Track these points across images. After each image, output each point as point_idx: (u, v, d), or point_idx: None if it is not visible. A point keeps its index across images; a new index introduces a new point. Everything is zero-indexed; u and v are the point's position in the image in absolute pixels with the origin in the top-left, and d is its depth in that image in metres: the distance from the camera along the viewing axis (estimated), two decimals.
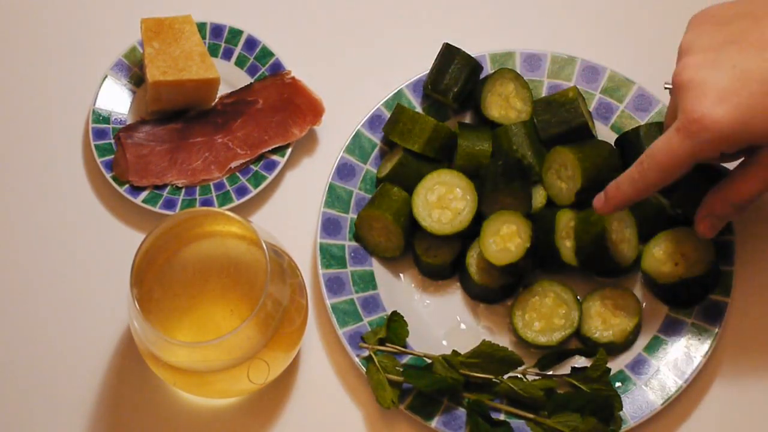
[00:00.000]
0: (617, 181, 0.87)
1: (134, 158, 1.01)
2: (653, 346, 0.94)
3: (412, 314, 0.96)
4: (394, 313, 0.94)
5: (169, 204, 1.00)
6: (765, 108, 0.78)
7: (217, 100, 1.05)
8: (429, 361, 0.92)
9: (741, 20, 0.82)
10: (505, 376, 0.91)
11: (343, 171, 1.00)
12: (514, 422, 0.91)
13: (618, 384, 0.92)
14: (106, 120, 1.03)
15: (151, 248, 0.86)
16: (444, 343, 0.96)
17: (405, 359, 0.93)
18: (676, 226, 0.94)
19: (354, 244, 0.98)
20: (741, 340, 0.95)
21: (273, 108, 1.03)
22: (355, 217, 0.99)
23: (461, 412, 0.91)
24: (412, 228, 0.97)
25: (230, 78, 1.05)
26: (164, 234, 0.87)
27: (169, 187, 1.01)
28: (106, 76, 1.04)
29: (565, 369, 0.93)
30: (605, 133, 1.01)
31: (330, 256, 0.97)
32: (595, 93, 1.02)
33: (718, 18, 0.84)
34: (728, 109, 0.79)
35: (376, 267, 0.98)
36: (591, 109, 1.02)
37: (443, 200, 0.96)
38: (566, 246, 0.94)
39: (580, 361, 0.95)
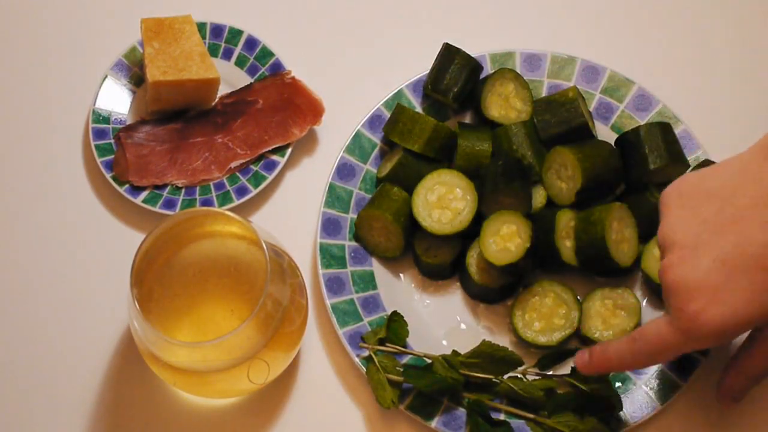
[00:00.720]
0: (605, 347, 0.86)
1: (134, 158, 1.01)
2: None
3: (412, 314, 0.96)
4: (394, 313, 0.94)
5: (169, 204, 1.00)
6: (753, 299, 0.78)
7: (217, 100, 1.05)
8: (429, 361, 0.92)
9: (710, 202, 0.81)
10: (505, 376, 0.91)
11: (343, 171, 1.00)
12: (514, 422, 0.91)
13: (618, 384, 0.92)
14: (106, 120, 1.03)
15: (151, 248, 0.86)
16: (444, 343, 0.96)
17: (405, 359, 0.93)
18: None
19: (354, 244, 0.98)
20: (741, 339, 0.95)
21: (273, 108, 1.03)
22: (355, 217, 0.99)
23: (461, 412, 0.91)
24: (412, 228, 0.97)
25: (230, 78, 1.05)
26: (164, 234, 0.87)
27: (169, 187, 1.01)
28: (106, 76, 1.04)
29: (565, 369, 0.93)
30: (605, 133, 1.01)
31: (330, 256, 0.97)
32: (595, 93, 1.02)
33: (687, 199, 0.82)
34: (720, 310, 0.78)
35: (376, 267, 0.98)
36: (591, 109, 1.02)
37: (443, 200, 0.96)
38: (566, 246, 0.94)
39: None
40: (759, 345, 0.84)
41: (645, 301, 0.97)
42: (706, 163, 0.97)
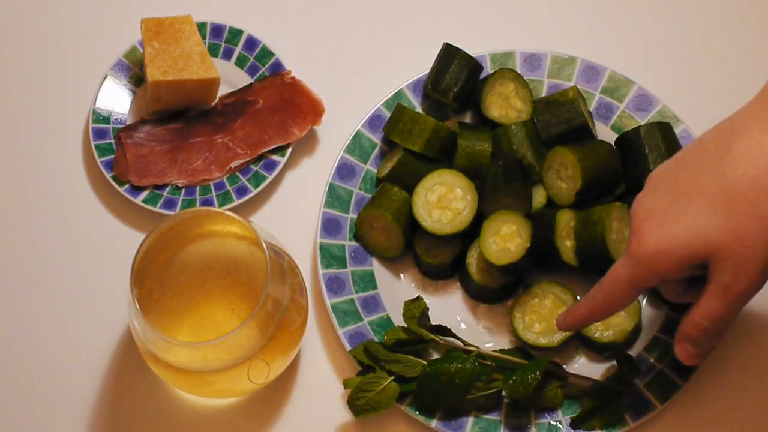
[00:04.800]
0: (578, 302, 0.87)
1: (134, 158, 1.01)
2: (653, 346, 0.94)
3: None
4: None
5: (169, 204, 1.00)
6: (690, 222, 0.78)
7: (217, 100, 1.05)
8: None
9: (690, 150, 0.82)
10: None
11: (343, 171, 1.00)
12: (515, 422, 0.91)
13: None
14: (106, 120, 1.03)
15: (151, 248, 0.86)
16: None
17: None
18: None
19: (354, 244, 0.98)
20: (741, 339, 0.95)
21: (273, 108, 1.03)
22: (355, 217, 0.99)
23: (461, 412, 0.91)
24: (412, 228, 0.97)
25: (230, 78, 1.05)
26: (164, 234, 0.87)
27: (169, 187, 1.01)
28: (106, 76, 1.04)
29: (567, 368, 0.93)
30: (605, 133, 1.01)
31: (330, 256, 0.97)
32: (595, 93, 1.02)
33: (677, 159, 0.84)
34: (657, 228, 0.79)
35: (376, 267, 0.98)
36: (591, 109, 1.02)
37: (443, 200, 0.96)
38: (566, 246, 0.94)
39: (581, 361, 0.95)
40: (703, 293, 0.80)
41: (645, 301, 0.97)
42: None
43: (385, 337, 0.93)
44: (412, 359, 0.91)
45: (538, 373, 0.89)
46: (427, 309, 0.93)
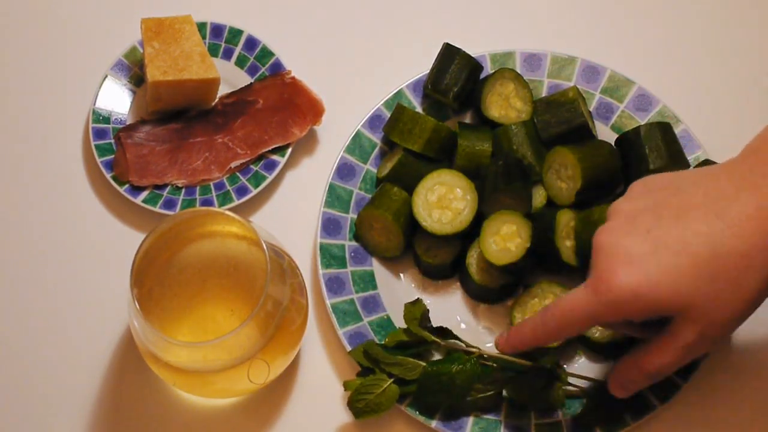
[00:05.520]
0: (522, 322, 0.87)
1: (134, 158, 1.01)
2: None
3: None
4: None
5: (169, 204, 1.00)
6: (671, 278, 0.78)
7: (217, 100, 1.05)
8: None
9: (665, 190, 0.82)
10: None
11: (343, 171, 1.00)
12: (515, 422, 0.91)
13: None
14: (106, 120, 1.03)
15: (151, 248, 0.86)
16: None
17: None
18: None
19: (354, 244, 0.98)
20: (741, 339, 0.95)
21: (273, 108, 1.03)
22: (355, 217, 0.99)
23: (461, 412, 0.91)
24: (412, 228, 0.97)
25: (230, 78, 1.05)
26: (164, 234, 0.87)
27: (169, 187, 1.01)
28: (106, 76, 1.04)
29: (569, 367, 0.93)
30: (605, 133, 1.01)
31: (330, 256, 0.97)
32: (595, 93, 1.02)
33: (648, 187, 0.83)
34: (635, 274, 0.78)
35: (376, 267, 0.98)
36: (591, 109, 1.02)
37: (443, 200, 0.96)
38: (566, 246, 0.94)
39: (581, 361, 0.95)
40: (659, 341, 0.82)
41: None
42: (706, 162, 0.97)
43: (386, 340, 0.93)
44: (412, 361, 0.91)
45: (539, 374, 0.89)
46: (428, 311, 0.93)
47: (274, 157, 1.02)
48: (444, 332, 0.93)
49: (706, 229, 0.78)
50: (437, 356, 0.94)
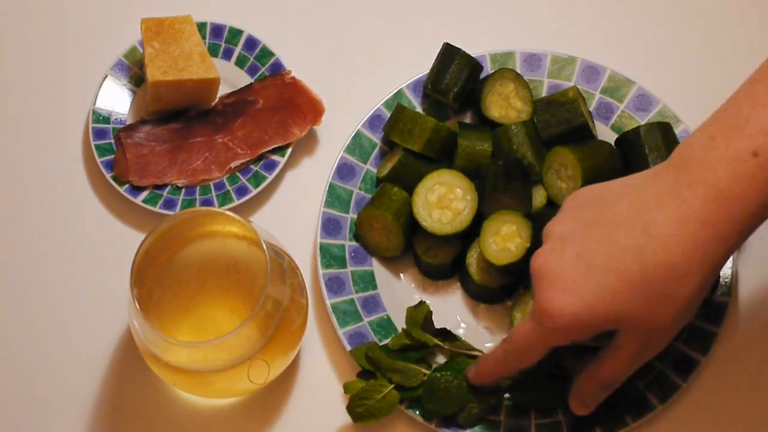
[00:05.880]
0: (487, 354, 0.89)
1: (134, 158, 1.01)
2: None
3: None
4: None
5: (169, 204, 1.00)
6: (605, 297, 0.79)
7: (217, 100, 1.05)
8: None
9: (593, 206, 0.83)
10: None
11: (343, 171, 1.00)
12: (515, 422, 0.91)
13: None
14: (106, 120, 1.03)
15: (151, 248, 0.86)
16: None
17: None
18: None
19: (354, 244, 0.98)
20: (741, 340, 0.95)
21: (273, 108, 1.03)
22: (355, 217, 0.99)
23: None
24: (412, 228, 0.97)
25: (230, 78, 1.05)
26: (164, 234, 0.87)
27: (169, 187, 1.01)
28: (106, 76, 1.04)
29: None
30: (605, 133, 1.01)
31: (330, 256, 0.97)
32: (595, 93, 1.02)
33: (579, 203, 0.85)
34: (570, 299, 0.80)
35: (376, 267, 0.98)
36: (591, 109, 1.02)
37: (443, 200, 0.96)
38: None
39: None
40: (607, 353, 0.84)
41: None
42: None
43: (390, 342, 0.93)
44: (413, 368, 0.91)
45: (541, 374, 0.90)
46: (431, 314, 0.93)
47: (274, 157, 1.02)
48: (446, 334, 0.93)
49: (633, 244, 0.79)
50: (441, 358, 0.94)
